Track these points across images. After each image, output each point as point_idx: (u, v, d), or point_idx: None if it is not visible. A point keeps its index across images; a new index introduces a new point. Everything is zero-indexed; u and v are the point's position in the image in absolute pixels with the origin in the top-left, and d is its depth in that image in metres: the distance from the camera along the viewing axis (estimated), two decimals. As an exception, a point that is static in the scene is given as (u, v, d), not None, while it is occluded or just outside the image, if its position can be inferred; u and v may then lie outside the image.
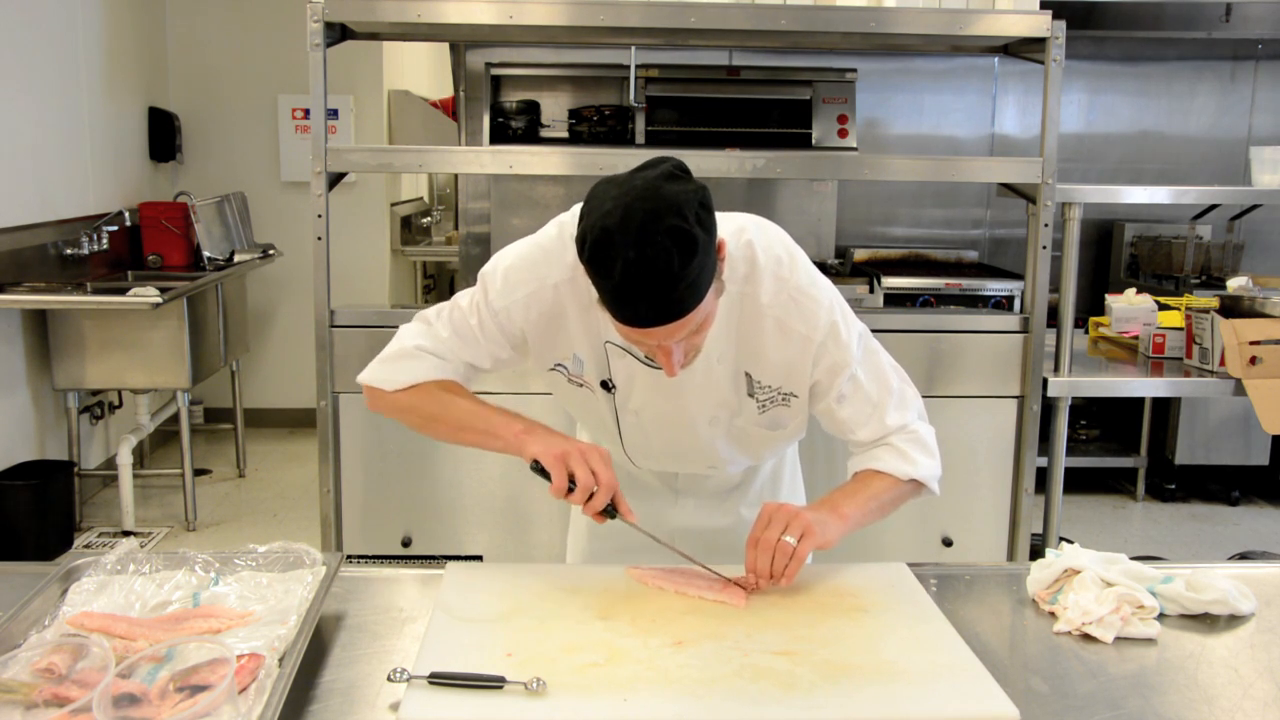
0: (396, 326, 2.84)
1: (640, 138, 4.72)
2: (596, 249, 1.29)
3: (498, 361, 1.64)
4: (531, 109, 4.76)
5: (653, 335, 1.35)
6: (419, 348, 1.62)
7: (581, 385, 1.64)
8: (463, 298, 1.63)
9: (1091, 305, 4.65)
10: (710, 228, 1.33)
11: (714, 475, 1.79)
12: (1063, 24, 2.86)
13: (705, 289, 1.34)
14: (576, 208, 1.53)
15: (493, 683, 1.23)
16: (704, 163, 2.95)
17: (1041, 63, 2.92)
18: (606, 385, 1.61)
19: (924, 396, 1.61)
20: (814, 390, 1.59)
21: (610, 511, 1.49)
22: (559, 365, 1.62)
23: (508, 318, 1.57)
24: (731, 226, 1.53)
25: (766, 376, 1.58)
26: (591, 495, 1.46)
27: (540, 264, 1.55)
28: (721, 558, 1.62)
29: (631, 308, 1.32)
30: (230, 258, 4.96)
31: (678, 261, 1.27)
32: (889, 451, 1.63)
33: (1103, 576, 1.52)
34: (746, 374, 1.58)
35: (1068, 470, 3.32)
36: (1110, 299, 3.68)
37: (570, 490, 1.46)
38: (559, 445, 1.48)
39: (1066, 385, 3.12)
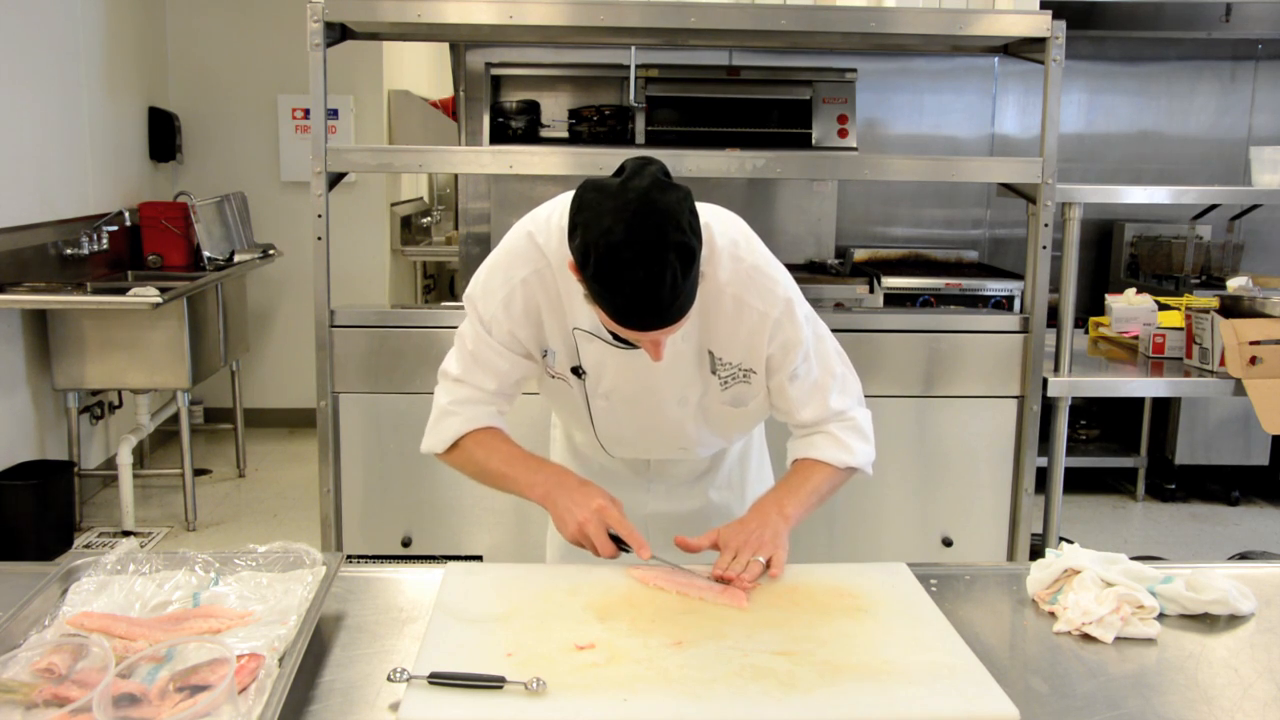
0: (397, 327, 2.88)
1: (640, 138, 4.71)
2: (603, 267, 1.34)
3: (516, 372, 1.69)
4: (531, 109, 4.76)
5: (649, 334, 1.42)
6: (451, 402, 1.70)
7: (554, 377, 1.70)
8: (463, 327, 1.69)
9: (1091, 305, 4.65)
10: (700, 231, 1.40)
11: (685, 459, 1.84)
12: (1063, 24, 2.86)
13: (696, 289, 1.42)
14: (536, 212, 1.61)
15: (493, 683, 1.23)
16: (704, 163, 2.95)
17: (1041, 63, 2.91)
18: (577, 371, 1.67)
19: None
20: (769, 364, 1.65)
21: (625, 547, 1.57)
22: (546, 351, 1.68)
23: (497, 326, 1.64)
24: None
25: (727, 354, 1.64)
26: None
27: (506, 266, 1.62)
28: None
29: (638, 319, 1.38)
30: (230, 258, 4.96)
31: (681, 275, 1.34)
32: (828, 440, 1.69)
33: (1103, 576, 1.52)
34: (709, 352, 1.64)
35: (1068, 470, 3.32)
36: (1110, 299, 3.67)
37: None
38: (573, 519, 1.56)
39: (1066, 385, 3.12)
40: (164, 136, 5.34)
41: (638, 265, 1.32)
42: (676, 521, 1.84)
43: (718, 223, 1.59)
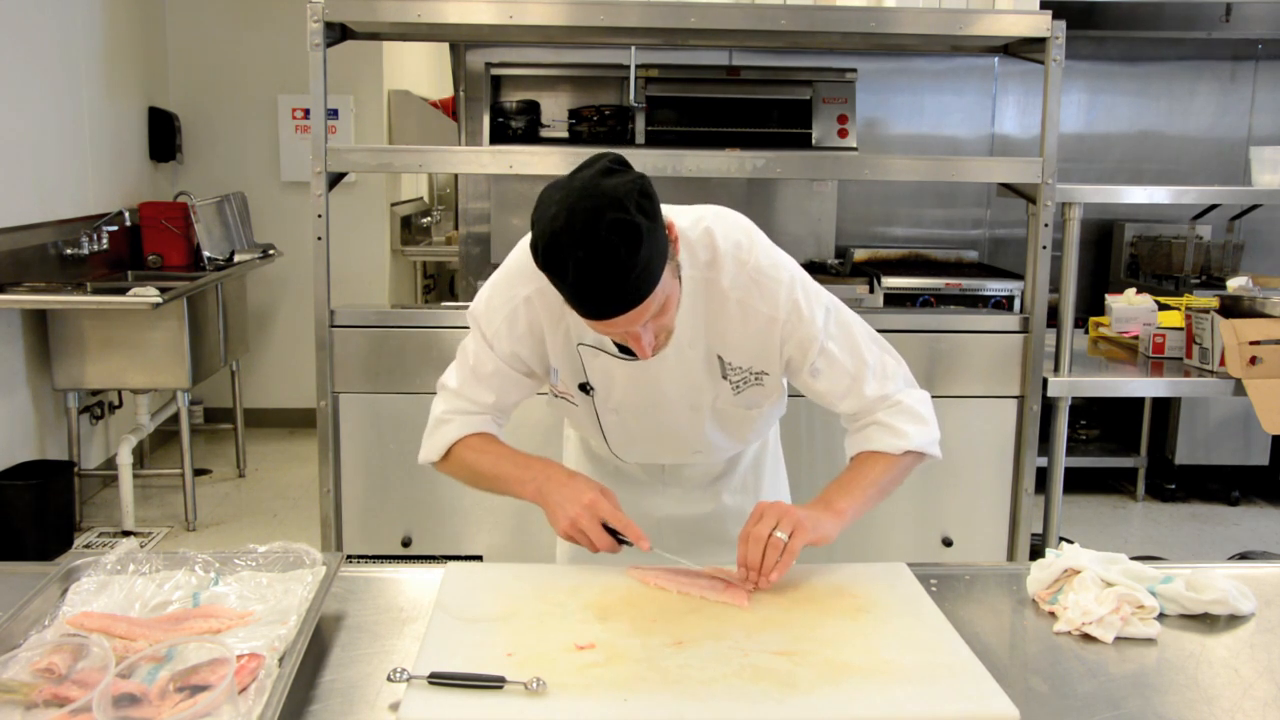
0: (396, 327, 2.87)
1: (640, 138, 4.71)
2: (548, 254, 1.34)
3: (515, 392, 1.69)
4: (531, 109, 4.76)
5: (617, 324, 1.40)
6: (446, 412, 1.70)
7: (559, 396, 1.70)
8: (466, 341, 1.69)
9: (1091, 305, 4.65)
10: (653, 214, 1.36)
11: (699, 463, 1.83)
12: (1063, 24, 2.86)
13: (659, 272, 1.38)
14: None
15: (493, 683, 1.23)
16: (704, 163, 2.95)
17: (1041, 63, 2.92)
18: (585, 388, 1.66)
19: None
20: (789, 366, 1.64)
21: (624, 541, 1.54)
22: (553, 370, 1.67)
23: (499, 343, 1.63)
24: (691, 217, 1.58)
25: (737, 358, 1.62)
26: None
27: (508, 284, 1.62)
28: (704, 544, 1.70)
29: (592, 303, 1.37)
30: (230, 258, 4.96)
31: (625, 252, 1.31)
32: (878, 429, 1.66)
33: (1103, 576, 1.52)
34: (718, 357, 1.62)
35: (1068, 470, 3.32)
36: (1110, 299, 3.67)
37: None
38: (564, 514, 1.54)
39: (1066, 385, 3.12)
40: (164, 136, 5.34)
41: (577, 245, 1.31)
42: (690, 525, 1.83)
43: (720, 225, 1.57)
